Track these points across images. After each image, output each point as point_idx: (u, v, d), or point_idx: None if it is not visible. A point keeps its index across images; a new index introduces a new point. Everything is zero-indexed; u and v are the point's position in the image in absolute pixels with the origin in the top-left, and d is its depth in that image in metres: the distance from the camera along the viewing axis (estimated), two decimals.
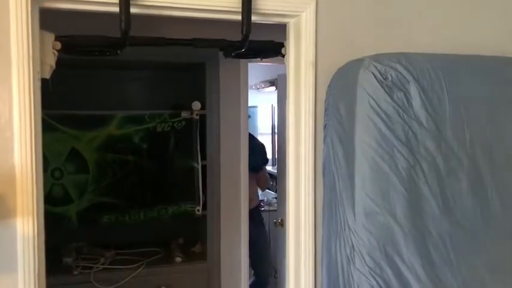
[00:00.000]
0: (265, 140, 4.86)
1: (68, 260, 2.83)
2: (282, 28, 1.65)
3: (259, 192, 4.03)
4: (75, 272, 2.75)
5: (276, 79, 3.76)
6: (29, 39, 1.35)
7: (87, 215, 3.06)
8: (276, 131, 4.07)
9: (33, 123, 1.36)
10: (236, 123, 3.10)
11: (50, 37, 1.43)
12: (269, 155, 4.80)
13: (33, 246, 1.37)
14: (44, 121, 1.43)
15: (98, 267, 2.80)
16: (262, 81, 4.43)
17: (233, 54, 1.72)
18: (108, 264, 2.84)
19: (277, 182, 3.58)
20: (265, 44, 1.67)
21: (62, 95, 2.27)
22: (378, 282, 1.38)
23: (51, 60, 1.44)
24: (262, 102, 4.88)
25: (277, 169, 3.51)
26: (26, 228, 1.36)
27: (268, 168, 4.74)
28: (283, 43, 1.68)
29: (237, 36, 1.59)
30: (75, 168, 3.01)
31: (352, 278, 1.41)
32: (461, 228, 1.45)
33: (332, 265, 1.53)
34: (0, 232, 1.36)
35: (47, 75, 1.44)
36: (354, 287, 1.41)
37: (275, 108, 4.18)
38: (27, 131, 1.35)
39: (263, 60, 1.96)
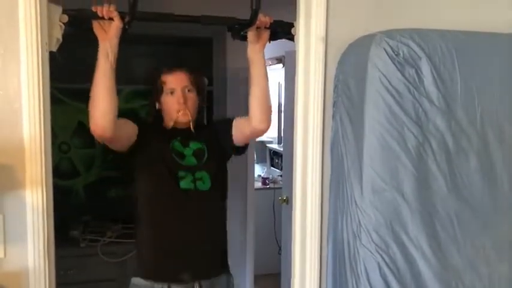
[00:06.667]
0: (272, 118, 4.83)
1: (75, 232, 2.86)
2: (290, 6, 1.63)
3: None
4: (82, 245, 2.79)
5: (284, 56, 3.72)
6: (37, 11, 1.34)
7: (95, 189, 3.09)
8: (282, 109, 4.05)
9: (41, 95, 1.36)
10: (243, 99, 3.08)
11: (57, 10, 1.42)
12: (275, 133, 4.80)
13: (42, 217, 1.38)
14: (51, 95, 1.43)
15: (104, 241, 2.83)
16: (269, 58, 4.38)
17: (242, 33, 1.69)
18: (115, 238, 2.88)
19: (282, 160, 3.58)
20: (274, 24, 1.64)
21: (69, 69, 2.26)
22: (383, 259, 1.39)
23: (57, 33, 1.43)
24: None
25: (283, 147, 3.51)
26: (35, 199, 1.37)
27: (274, 146, 4.75)
28: (293, 23, 1.65)
29: (247, 15, 1.56)
30: (82, 142, 3.02)
31: (358, 254, 1.42)
32: (468, 207, 1.45)
33: (338, 241, 1.54)
34: (10, 203, 1.37)
35: (54, 48, 1.43)
36: (359, 264, 1.42)
37: (282, 85, 4.15)
38: (36, 102, 1.35)
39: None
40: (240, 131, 1.84)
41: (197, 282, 1.72)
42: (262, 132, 1.82)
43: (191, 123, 1.79)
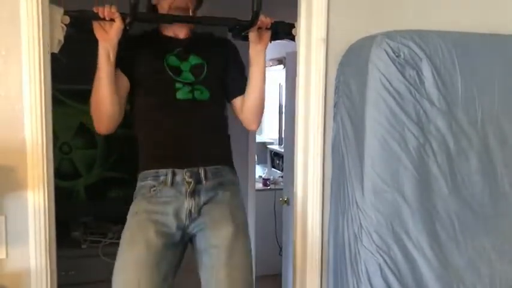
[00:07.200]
0: (272, 119, 4.85)
1: (76, 233, 2.86)
2: (291, 7, 1.63)
3: None
4: (83, 246, 2.79)
5: (284, 57, 3.73)
6: (38, 12, 1.34)
7: (96, 190, 3.09)
8: (283, 110, 4.05)
9: (43, 96, 1.36)
10: None
11: (59, 11, 1.43)
12: (276, 135, 4.80)
13: (44, 218, 1.38)
14: (52, 96, 1.43)
15: (105, 242, 2.83)
16: (270, 59, 4.39)
17: (243, 34, 1.69)
18: (116, 239, 2.87)
19: (283, 161, 3.58)
20: (275, 24, 1.65)
21: (70, 70, 2.27)
22: (384, 260, 1.39)
23: (59, 35, 1.44)
24: (269, 81, 4.81)
25: (284, 148, 3.51)
26: (37, 200, 1.38)
27: (275, 147, 4.75)
28: (293, 24, 1.65)
29: (247, 16, 1.56)
30: (84, 143, 3.03)
31: (359, 255, 1.42)
32: (469, 208, 1.45)
33: (339, 243, 1.54)
34: (12, 204, 1.38)
35: (56, 50, 1.43)
36: (360, 265, 1.42)
37: (282, 86, 4.15)
38: (38, 103, 1.36)
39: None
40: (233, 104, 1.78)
41: (202, 168, 1.64)
42: (250, 131, 1.78)
43: (190, 12, 1.64)
